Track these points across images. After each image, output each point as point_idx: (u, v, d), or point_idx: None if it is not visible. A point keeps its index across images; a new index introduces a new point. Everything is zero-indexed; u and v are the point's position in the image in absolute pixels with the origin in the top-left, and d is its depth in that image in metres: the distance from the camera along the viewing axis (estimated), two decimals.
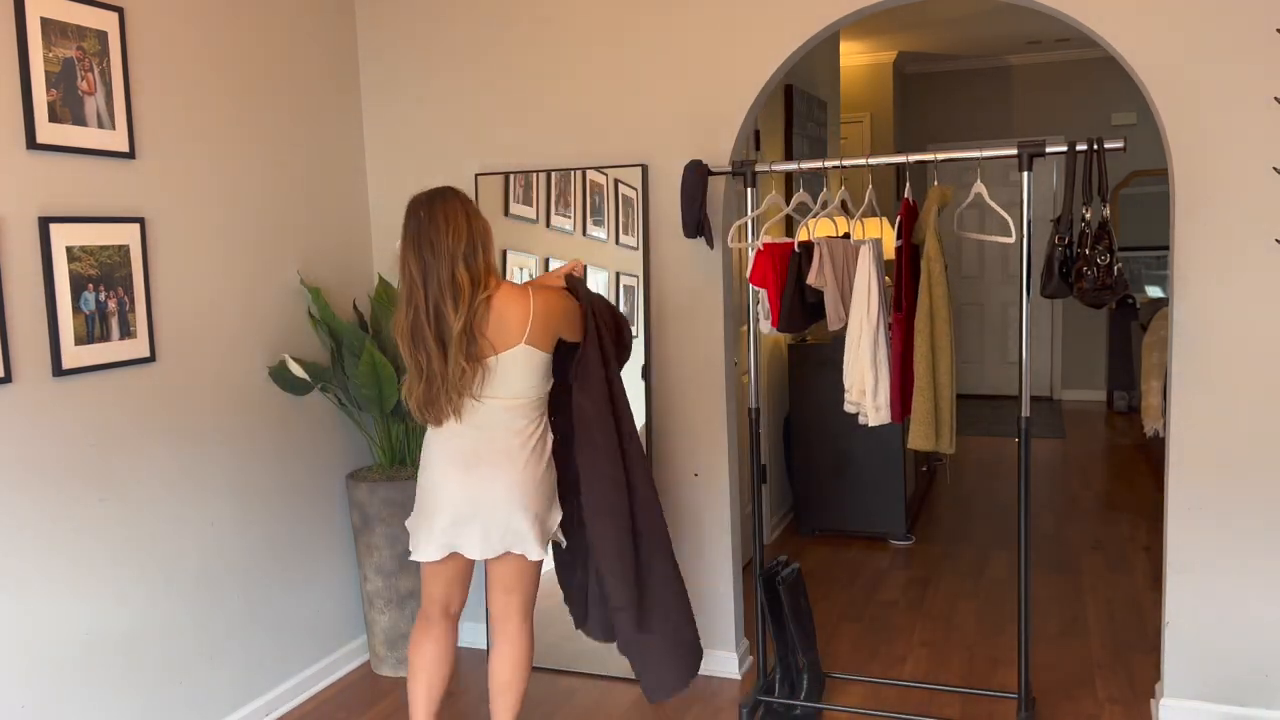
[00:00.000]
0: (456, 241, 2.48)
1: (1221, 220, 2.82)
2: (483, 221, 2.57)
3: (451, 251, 2.47)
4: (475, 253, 2.51)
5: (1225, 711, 2.94)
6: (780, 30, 3.20)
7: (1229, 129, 2.79)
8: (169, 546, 2.90)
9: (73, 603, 2.62)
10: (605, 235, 3.43)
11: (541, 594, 3.59)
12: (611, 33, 3.39)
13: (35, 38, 2.49)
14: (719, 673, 3.51)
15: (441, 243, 2.47)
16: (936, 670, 3.53)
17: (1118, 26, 2.87)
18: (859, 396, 2.95)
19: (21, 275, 2.49)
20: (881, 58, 7.83)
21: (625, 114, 3.41)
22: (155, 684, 2.86)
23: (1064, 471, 6.20)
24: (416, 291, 2.49)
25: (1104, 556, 4.62)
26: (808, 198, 3.20)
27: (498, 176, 3.55)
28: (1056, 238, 2.76)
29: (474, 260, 2.50)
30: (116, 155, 2.73)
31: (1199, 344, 2.88)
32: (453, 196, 2.55)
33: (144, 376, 2.83)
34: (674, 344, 3.42)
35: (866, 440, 4.85)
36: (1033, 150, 2.74)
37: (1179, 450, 2.93)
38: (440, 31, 3.61)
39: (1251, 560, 2.88)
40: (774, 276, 3.04)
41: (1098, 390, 8.47)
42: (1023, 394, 2.86)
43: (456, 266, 2.47)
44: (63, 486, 2.60)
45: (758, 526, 3.22)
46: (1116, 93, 8.04)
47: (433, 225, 2.49)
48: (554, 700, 3.38)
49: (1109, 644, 3.68)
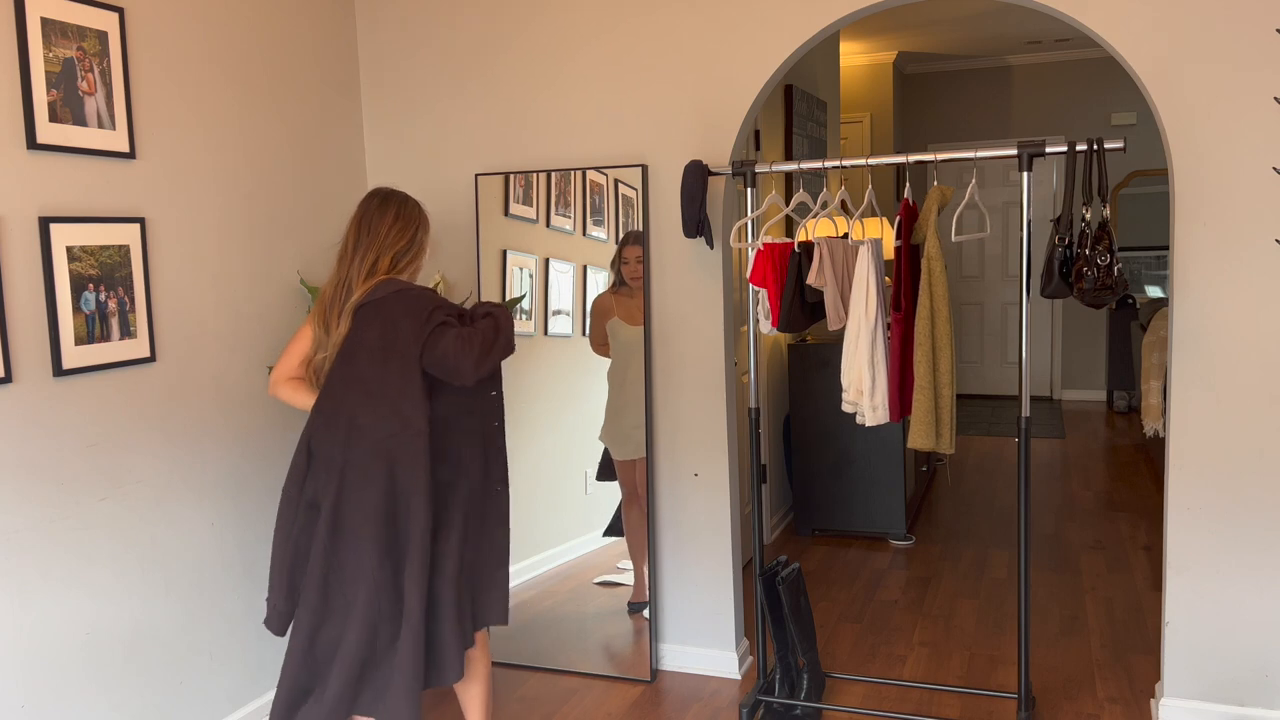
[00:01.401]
0: (396, 237, 2.56)
1: (1221, 220, 2.82)
2: (427, 240, 2.65)
3: (386, 241, 2.54)
4: (406, 256, 2.58)
5: (1225, 711, 2.94)
6: (780, 30, 3.20)
7: (1229, 129, 2.79)
8: (169, 546, 2.90)
9: (73, 602, 2.62)
10: (605, 235, 3.43)
11: (542, 593, 3.60)
12: (612, 33, 3.40)
13: (35, 38, 2.49)
14: (719, 673, 3.51)
15: (382, 230, 2.55)
16: (936, 670, 3.53)
17: (1118, 27, 2.87)
18: (856, 396, 2.95)
19: (22, 275, 2.49)
20: (881, 58, 7.83)
21: (625, 114, 3.41)
22: (155, 684, 2.86)
23: (1064, 471, 6.20)
24: (342, 264, 2.56)
25: (1104, 556, 4.62)
26: (808, 198, 3.20)
27: (498, 176, 3.55)
28: (1056, 238, 2.77)
29: (402, 260, 2.58)
30: (117, 155, 2.73)
31: (1199, 344, 2.88)
32: (415, 206, 2.63)
33: (144, 376, 2.83)
34: (674, 344, 3.42)
35: (866, 440, 4.86)
36: (1033, 150, 2.74)
37: (1179, 450, 2.93)
38: (440, 32, 3.61)
39: (1251, 560, 2.88)
40: (774, 276, 3.04)
41: (1098, 390, 8.47)
42: (1023, 394, 2.86)
43: (383, 255, 2.54)
44: (63, 486, 2.60)
45: (758, 526, 3.23)
46: (1116, 93, 8.04)
47: (382, 214, 2.56)
48: (554, 700, 3.38)
49: (1109, 644, 3.68)
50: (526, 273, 3.54)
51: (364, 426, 2.42)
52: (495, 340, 2.46)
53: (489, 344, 2.44)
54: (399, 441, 2.41)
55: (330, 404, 2.47)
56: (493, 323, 2.49)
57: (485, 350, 2.43)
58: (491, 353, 2.45)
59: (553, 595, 3.59)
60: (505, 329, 2.51)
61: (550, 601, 3.59)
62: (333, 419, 2.46)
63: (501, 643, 3.64)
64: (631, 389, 3.44)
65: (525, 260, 3.54)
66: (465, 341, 2.40)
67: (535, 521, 3.59)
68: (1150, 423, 4.91)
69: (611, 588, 3.52)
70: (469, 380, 2.42)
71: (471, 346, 2.40)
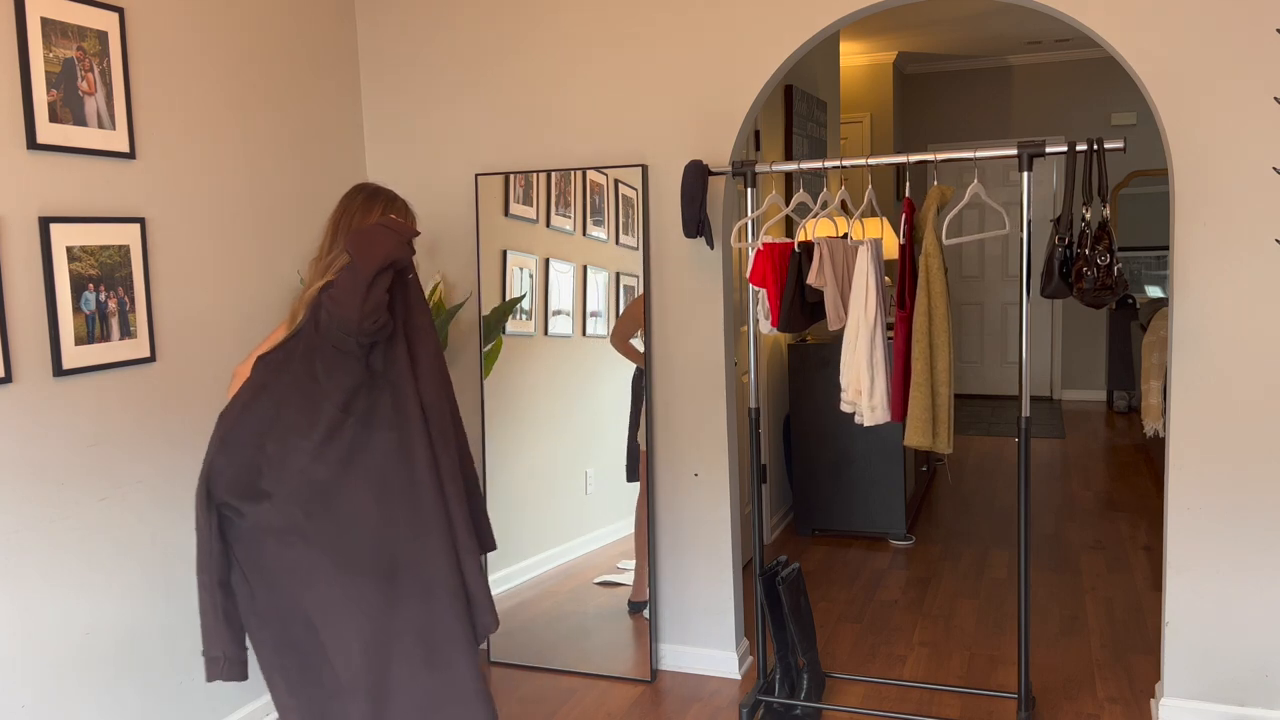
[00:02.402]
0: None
1: (1221, 220, 2.82)
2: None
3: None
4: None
5: (1225, 711, 2.94)
6: (780, 30, 3.21)
7: (1229, 129, 2.79)
8: (169, 546, 2.90)
9: (73, 602, 2.62)
10: (605, 235, 3.43)
11: (541, 593, 3.60)
12: (612, 33, 3.40)
13: (35, 38, 2.49)
14: (719, 673, 3.51)
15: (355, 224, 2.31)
16: (936, 670, 3.53)
17: (1117, 27, 2.87)
18: (855, 396, 2.96)
19: (22, 275, 2.49)
20: (881, 58, 7.83)
21: (625, 114, 3.41)
22: (156, 684, 2.86)
23: (1064, 471, 6.20)
24: (319, 260, 2.33)
25: (1104, 556, 4.62)
26: (808, 198, 3.20)
27: (498, 176, 3.55)
28: (1056, 238, 2.77)
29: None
30: (116, 155, 2.73)
31: (1199, 344, 2.88)
32: (403, 203, 2.41)
33: (144, 376, 2.83)
34: (674, 344, 3.42)
35: (866, 440, 4.86)
36: (1033, 150, 2.74)
37: (1179, 450, 2.93)
38: (440, 32, 3.61)
39: (1251, 560, 2.88)
40: (774, 276, 3.04)
41: (1098, 390, 8.47)
42: (1023, 394, 2.86)
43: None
44: (63, 486, 2.60)
45: (758, 526, 3.23)
46: (1116, 93, 8.04)
47: (366, 214, 2.33)
48: (554, 700, 3.38)
49: (1109, 644, 3.68)
50: (526, 273, 3.54)
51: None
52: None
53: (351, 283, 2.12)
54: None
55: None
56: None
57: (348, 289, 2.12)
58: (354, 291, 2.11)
59: (553, 595, 3.59)
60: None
61: (550, 601, 3.59)
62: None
63: (502, 642, 3.64)
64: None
65: (525, 260, 3.54)
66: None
67: (535, 521, 3.59)
68: (1150, 423, 4.91)
69: (611, 588, 3.52)
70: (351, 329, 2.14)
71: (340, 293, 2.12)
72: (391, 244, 2.16)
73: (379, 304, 2.13)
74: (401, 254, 2.17)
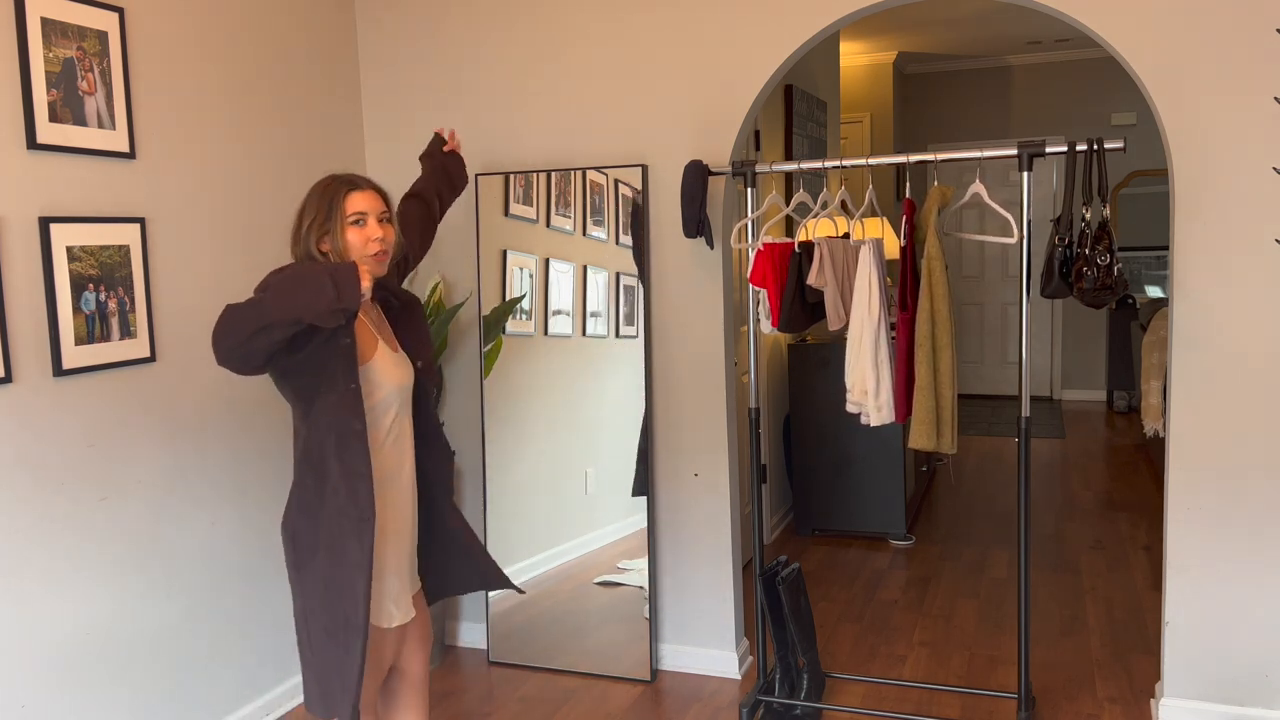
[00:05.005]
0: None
1: (1221, 220, 2.82)
2: (315, 210, 2.16)
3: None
4: (297, 234, 2.10)
5: (1225, 711, 2.94)
6: (780, 30, 3.21)
7: (1229, 129, 2.79)
8: (170, 546, 2.90)
9: (73, 602, 2.62)
10: (605, 235, 3.43)
11: (541, 593, 3.60)
12: (612, 33, 3.40)
13: (35, 38, 2.49)
14: (719, 673, 3.51)
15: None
16: (936, 670, 3.53)
17: (1117, 26, 2.87)
18: (861, 396, 2.96)
19: (22, 275, 2.49)
20: (881, 58, 7.83)
21: (625, 114, 3.41)
22: (155, 684, 2.86)
23: (1064, 471, 6.20)
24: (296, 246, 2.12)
25: (1104, 556, 4.62)
26: (808, 198, 3.20)
27: (498, 176, 3.55)
28: (1056, 238, 2.77)
29: (294, 241, 2.13)
30: (116, 155, 2.73)
31: (1199, 344, 2.88)
32: (318, 183, 2.17)
33: (144, 376, 2.83)
34: (674, 344, 3.42)
35: (866, 440, 4.86)
36: (1033, 150, 2.74)
37: (1179, 450, 2.93)
38: (440, 32, 3.61)
39: (1251, 560, 2.88)
40: (774, 276, 3.04)
41: (1098, 390, 8.47)
42: (1023, 394, 2.86)
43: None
44: (63, 486, 2.60)
45: (758, 526, 3.23)
46: (1116, 93, 8.04)
47: (325, 222, 2.08)
48: (554, 700, 3.38)
49: (1109, 644, 3.68)
50: (526, 273, 3.54)
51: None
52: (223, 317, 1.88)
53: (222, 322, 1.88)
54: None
55: None
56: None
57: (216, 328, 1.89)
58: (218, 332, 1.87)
59: (553, 595, 3.59)
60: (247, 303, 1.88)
61: (550, 601, 3.59)
62: None
63: (502, 643, 3.64)
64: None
65: (525, 260, 3.54)
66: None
67: (535, 521, 3.59)
68: (1150, 423, 4.91)
69: (612, 588, 3.52)
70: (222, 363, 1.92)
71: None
72: (321, 304, 1.83)
73: (251, 353, 1.87)
74: (324, 320, 1.86)
